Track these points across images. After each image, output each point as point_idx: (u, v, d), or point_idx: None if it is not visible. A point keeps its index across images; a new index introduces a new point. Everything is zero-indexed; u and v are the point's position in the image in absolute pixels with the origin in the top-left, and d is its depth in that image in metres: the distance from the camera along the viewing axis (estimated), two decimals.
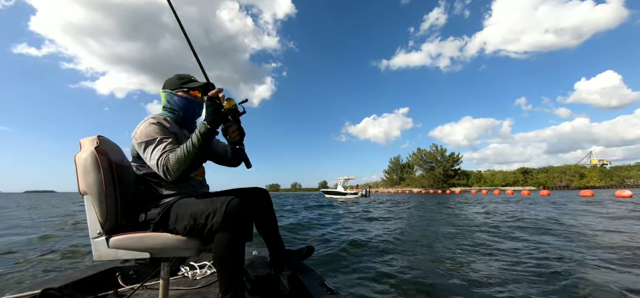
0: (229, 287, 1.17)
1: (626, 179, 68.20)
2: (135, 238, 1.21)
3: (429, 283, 2.61)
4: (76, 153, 1.21)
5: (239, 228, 1.17)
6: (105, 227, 1.19)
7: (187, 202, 1.25)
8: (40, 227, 6.78)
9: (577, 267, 2.98)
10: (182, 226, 1.20)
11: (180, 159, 1.18)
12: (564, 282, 2.58)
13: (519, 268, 3.04)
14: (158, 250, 1.22)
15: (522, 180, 77.71)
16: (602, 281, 2.54)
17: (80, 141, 1.24)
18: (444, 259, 3.44)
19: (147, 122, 1.30)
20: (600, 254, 3.52)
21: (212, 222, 1.15)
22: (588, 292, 2.34)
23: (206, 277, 1.99)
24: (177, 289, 1.78)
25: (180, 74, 1.50)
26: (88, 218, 1.17)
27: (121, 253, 1.20)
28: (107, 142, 1.32)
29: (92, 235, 1.19)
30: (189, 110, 1.47)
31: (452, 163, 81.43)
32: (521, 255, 3.53)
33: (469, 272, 2.92)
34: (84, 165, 1.18)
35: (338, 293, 1.25)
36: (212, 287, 1.82)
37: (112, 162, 1.28)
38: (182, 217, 1.21)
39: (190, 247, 1.23)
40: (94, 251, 1.19)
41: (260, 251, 2.27)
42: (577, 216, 7.89)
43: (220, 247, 1.16)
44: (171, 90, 1.45)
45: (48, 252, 3.87)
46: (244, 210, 1.18)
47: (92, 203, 1.17)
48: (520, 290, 2.41)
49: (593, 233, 4.98)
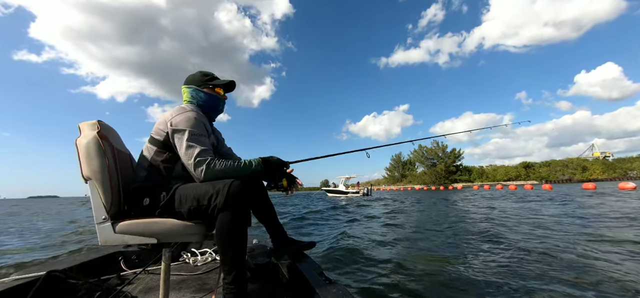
0: (231, 268, 1.19)
1: (629, 171, 67.85)
2: (142, 223, 1.21)
3: (441, 282, 2.59)
4: (76, 137, 1.19)
5: (241, 209, 1.20)
6: (111, 212, 1.18)
7: (190, 185, 1.28)
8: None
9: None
10: (186, 208, 1.22)
11: (223, 172, 1.26)
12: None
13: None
14: (165, 235, 1.23)
15: (524, 174, 77.47)
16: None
17: (79, 125, 1.22)
18: (450, 257, 3.43)
19: (188, 113, 1.34)
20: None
21: (215, 202, 1.18)
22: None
23: (207, 263, 2.02)
24: (178, 274, 1.81)
25: (203, 70, 1.57)
26: (93, 204, 1.16)
27: (127, 238, 1.20)
28: (108, 127, 1.32)
29: (97, 221, 1.18)
30: (213, 106, 1.54)
31: (454, 160, 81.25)
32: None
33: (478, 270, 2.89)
34: (87, 150, 1.16)
35: (336, 283, 1.25)
36: (212, 274, 1.84)
37: (114, 147, 1.28)
38: (185, 200, 1.23)
39: (195, 232, 1.25)
40: (100, 236, 1.18)
41: (261, 240, 2.29)
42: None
43: (223, 226, 1.19)
44: (197, 87, 1.50)
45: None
46: (245, 192, 1.21)
47: (96, 188, 1.16)
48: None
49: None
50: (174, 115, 1.32)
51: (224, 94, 1.59)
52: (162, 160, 1.33)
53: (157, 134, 1.33)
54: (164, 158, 1.33)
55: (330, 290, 1.18)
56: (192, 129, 1.29)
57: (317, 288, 1.20)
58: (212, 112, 1.56)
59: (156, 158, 1.33)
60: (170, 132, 1.28)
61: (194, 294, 1.55)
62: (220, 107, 1.58)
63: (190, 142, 1.26)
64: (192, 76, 1.54)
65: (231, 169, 1.27)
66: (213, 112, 1.56)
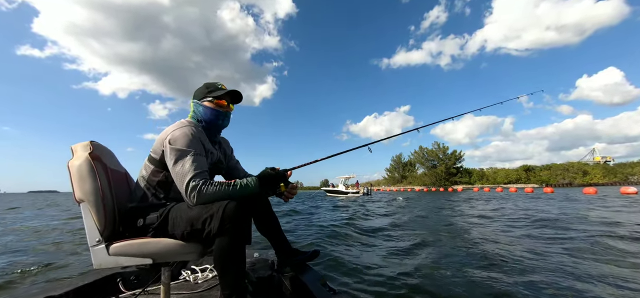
0: (231, 291, 1.15)
1: (630, 176, 67.71)
2: (136, 244, 1.19)
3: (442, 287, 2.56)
4: (69, 160, 1.18)
5: (238, 231, 1.15)
6: (105, 234, 1.16)
7: (183, 206, 1.22)
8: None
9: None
10: (180, 231, 1.18)
11: (216, 197, 1.18)
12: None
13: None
14: (160, 256, 1.20)
15: (524, 177, 77.36)
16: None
17: (72, 147, 1.21)
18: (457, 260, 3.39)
19: (184, 129, 1.27)
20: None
21: (210, 227, 1.13)
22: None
23: (208, 280, 1.98)
24: (179, 293, 1.77)
25: (208, 82, 1.49)
26: (86, 226, 1.14)
27: (122, 260, 1.18)
28: (100, 147, 1.29)
29: (91, 243, 1.16)
30: (213, 120, 1.44)
31: (454, 161, 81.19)
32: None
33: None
34: (79, 172, 1.14)
35: (340, 294, 1.23)
36: (213, 291, 1.81)
37: (107, 167, 1.26)
38: (179, 223, 1.19)
39: (191, 251, 1.22)
40: (94, 259, 1.16)
41: (262, 253, 2.26)
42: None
43: (220, 251, 1.15)
44: (198, 100, 1.43)
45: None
46: (241, 213, 1.15)
47: (89, 210, 1.14)
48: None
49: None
50: (171, 131, 1.26)
51: (229, 104, 1.48)
52: (159, 180, 1.29)
53: (154, 153, 1.29)
54: (161, 178, 1.29)
55: None
56: (185, 148, 1.21)
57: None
58: (212, 127, 1.46)
59: (153, 178, 1.29)
60: (165, 149, 1.23)
61: None
62: (220, 121, 1.46)
63: (183, 163, 1.19)
64: (198, 89, 1.47)
65: (225, 192, 1.20)
66: (213, 127, 1.47)
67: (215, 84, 1.47)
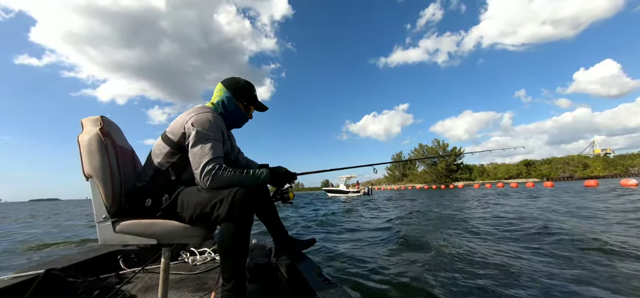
0: (231, 275, 1.17)
1: (630, 168, 67.68)
2: (143, 224, 1.20)
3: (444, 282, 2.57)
4: (78, 134, 1.18)
5: (244, 218, 1.17)
6: (111, 211, 1.18)
7: (193, 190, 1.24)
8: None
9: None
10: (188, 214, 1.20)
11: (230, 181, 1.21)
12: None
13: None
14: (165, 237, 1.22)
15: (525, 172, 77.29)
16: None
17: (82, 121, 1.21)
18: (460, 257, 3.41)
19: (208, 114, 1.30)
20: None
21: (219, 212, 1.15)
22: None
23: (206, 262, 2.02)
24: (177, 274, 1.80)
25: (248, 82, 1.53)
26: (93, 202, 1.15)
27: (128, 238, 1.19)
28: (111, 124, 1.30)
29: (98, 220, 1.17)
30: (237, 120, 1.52)
31: (454, 158, 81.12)
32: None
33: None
34: (89, 147, 1.15)
35: (334, 284, 1.25)
36: (211, 273, 1.84)
37: (116, 144, 1.27)
38: (188, 205, 1.20)
39: (196, 235, 1.24)
40: (100, 235, 1.18)
41: (260, 239, 2.28)
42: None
43: (226, 236, 1.16)
44: (233, 94, 1.46)
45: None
46: (250, 201, 1.18)
47: (97, 186, 1.15)
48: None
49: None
50: (194, 114, 1.27)
51: (252, 113, 1.57)
52: (173, 162, 1.29)
53: (172, 133, 1.29)
54: (175, 160, 1.29)
55: (329, 290, 1.18)
56: (207, 132, 1.24)
57: (316, 289, 1.19)
58: (232, 125, 1.54)
59: (167, 160, 1.29)
60: (187, 131, 1.24)
61: (193, 293, 1.55)
62: (241, 124, 1.56)
63: (203, 146, 1.21)
64: (236, 81, 1.48)
65: (238, 179, 1.23)
66: (233, 125, 1.55)
67: (252, 88, 1.53)
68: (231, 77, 1.50)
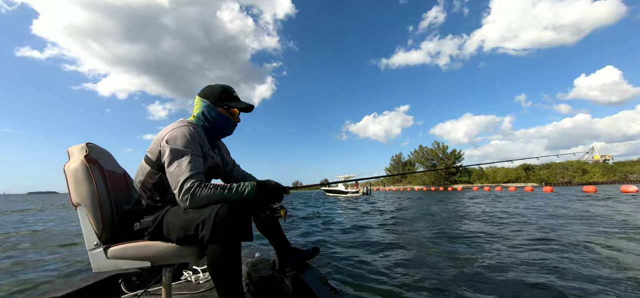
0: (228, 297, 1.13)
1: (629, 174, 67.83)
2: (134, 247, 1.18)
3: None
4: (65, 163, 1.16)
5: (231, 236, 1.09)
6: (102, 237, 1.15)
7: (177, 211, 1.18)
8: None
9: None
10: (175, 236, 1.16)
11: (210, 199, 1.13)
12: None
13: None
14: (158, 258, 1.19)
15: (524, 176, 77.42)
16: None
17: (68, 150, 1.19)
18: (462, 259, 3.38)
19: (183, 128, 1.22)
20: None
21: (202, 233, 1.08)
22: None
23: (209, 280, 1.98)
24: (180, 294, 1.77)
25: (224, 86, 1.42)
26: (83, 230, 1.13)
27: (121, 263, 1.17)
28: (97, 149, 1.27)
29: (89, 247, 1.15)
30: (222, 128, 1.42)
31: (454, 161, 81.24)
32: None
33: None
34: (75, 176, 1.13)
35: (341, 293, 1.23)
36: (215, 291, 1.79)
37: (104, 169, 1.25)
38: (173, 228, 1.15)
39: (188, 254, 1.20)
40: (93, 263, 1.15)
41: (263, 252, 2.27)
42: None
43: (214, 258, 1.10)
44: (211, 103, 1.37)
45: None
46: (234, 218, 1.09)
47: (86, 214, 1.13)
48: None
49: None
50: (168, 131, 1.22)
51: (239, 115, 1.47)
52: (154, 183, 1.26)
53: (151, 153, 1.25)
54: (156, 181, 1.26)
55: None
56: (182, 148, 1.17)
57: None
58: (219, 134, 1.45)
59: (149, 180, 1.26)
60: (162, 149, 1.19)
61: None
62: (229, 130, 1.46)
63: (178, 162, 1.15)
64: (211, 89, 1.39)
65: (219, 195, 1.15)
66: (220, 134, 1.46)
67: (230, 90, 1.43)
68: (206, 86, 1.42)
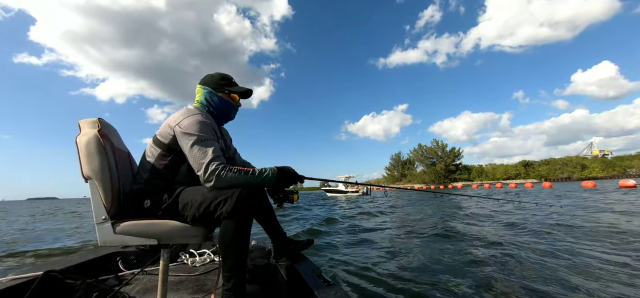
0: (232, 274, 1.18)
1: (628, 169, 68.00)
2: (144, 224, 1.21)
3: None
4: (76, 135, 1.18)
5: (247, 217, 1.19)
6: (111, 212, 1.17)
7: (195, 189, 1.25)
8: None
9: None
10: (191, 213, 1.21)
11: (235, 181, 1.19)
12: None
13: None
14: (165, 237, 1.22)
15: (523, 172, 77.51)
16: None
17: (79, 123, 1.21)
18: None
19: (197, 116, 1.28)
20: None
21: (222, 210, 1.16)
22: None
23: (206, 264, 2.02)
24: (176, 275, 1.80)
25: (223, 73, 1.49)
26: (92, 203, 1.15)
27: (127, 239, 1.20)
28: (108, 126, 1.30)
29: (97, 221, 1.17)
30: (224, 112, 1.48)
31: (453, 158, 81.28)
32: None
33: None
34: (88, 148, 1.15)
35: (334, 285, 1.26)
36: (211, 275, 1.83)
37: (114, 146, 1.27)
38: (191, 204, 1.21)
39: (196, 234, 1.24)
40: (99, 236, 1.17)
41: (259, 241, 2.29)
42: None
43: (227, 234, 1.17)
44: (212, 89, 1.44)
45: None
46: (253, 201, 1.20)
47: (97, 187, 1.15)
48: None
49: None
50: (182, 118, 1.26)
51: (239, 100, 1.52)
52: (166, 164, 1.29)
53: (162, 137, 1.29)
54: (168, 162, 1.29)
55: (329, 292, 1.18)
56: (201, 134, 1.22)
57: (316, 290, 1.20)
58: (222, 118, 1.50)
59: (160, 162, 1.29)
60: (178, 135, 1.23)
61: (192, 295, 1.55)
62: (232, 114, 1.52)
63: (200, 147, 1.20)
64: (211, 77, 1.46)
65: (243, 178, 1.21)
66: (223, 118, 1.51)
67: (229, 76, 1.49)
68: (205, 75, 1.49)
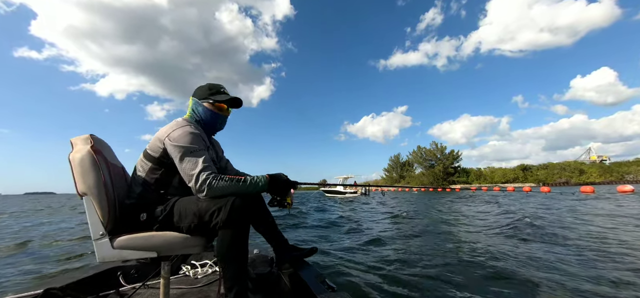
0: (233, 283, 1.17)
1: (626, 175, 68.29)
2: (141, 237, 1.20)
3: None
4: (69, 153, 1.18)
5: (243, 225, 1.19)
6: (108, 227, 1.16)
7: (189, 200, 1.25)
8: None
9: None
10: (186, 224, 1.21)
11: (226, 190, 1.20)
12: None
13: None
14: (165, 248, 1.22)
15: (522, 176, 77.73)
16: None
17: (71, 140, 1.20)
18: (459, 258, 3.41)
19: (185, 128, 1.29)
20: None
21: (217, 219, 1.16)
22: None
23: (207, 275, 2.00)
24: (178, 288, 1.78)
25: (211, 83, 1.49)
26: (89, 220, 1.14)
27: (126, 253, 1.19)
28: (100, 141, 1.30)
29: (95, 237, 1.15)
30: (210, 122, 1.47)
31: (452, 161, 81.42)
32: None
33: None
34: (82, 165, 1.14)
35: (338, 291, 1.25)
36: (213, 286, 1.82)
37: (108, 161, 1.27)
38: (185, 215, 1.21)
39: (195, 244, 1.24)
40: (98, 253, 1.16)
41: (261, 249, 2.28)
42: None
43: (225, 243, 1.17)
44: (198, 99, 1.45)
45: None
46: (248, 208, 1.20)
47: (93, 204, 1.13)
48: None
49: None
50: (171, 130, 1.27)
51: (228, 108, 1.51)
52: (157, 177, 1.30)
53: (152, 150, 1.30)
54: (159, 176, 1.30)
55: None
56: (191, 145, 1.24)
57: (320, 296, 1.19)
58: (209, 128, 1.50)
59: (152, 176, 1.30)
60: (169, 147, 1.24)
61: None
62: (218, 125, 1.51)
63: (190, 158, 1.22)
64: (200, 88, 1.48)
65: (234, 187, 1.22)
66: (210, 129, 1.51)
67: (218, 86, 1.49)
68: (197, 87, 1.50)
